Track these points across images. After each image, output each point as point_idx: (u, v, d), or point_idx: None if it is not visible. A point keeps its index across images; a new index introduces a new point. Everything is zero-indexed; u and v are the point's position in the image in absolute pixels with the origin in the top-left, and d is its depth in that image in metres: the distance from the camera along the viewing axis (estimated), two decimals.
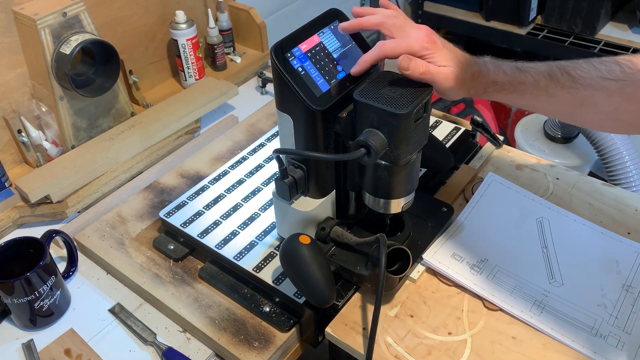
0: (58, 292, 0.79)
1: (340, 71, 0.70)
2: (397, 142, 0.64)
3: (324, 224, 0.76)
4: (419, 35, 0.68)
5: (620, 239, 0.83)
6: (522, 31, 1.89)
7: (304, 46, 0.68)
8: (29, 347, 0.76)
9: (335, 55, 0.70)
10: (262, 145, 1.02)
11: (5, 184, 0.94)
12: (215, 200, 0.90)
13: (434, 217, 0.84)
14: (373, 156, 0.64)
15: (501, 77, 0.73)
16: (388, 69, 0.70)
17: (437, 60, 0.68)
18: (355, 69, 0.69)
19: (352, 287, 0.77)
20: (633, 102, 0.69)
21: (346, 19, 0.73)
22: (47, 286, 0.77)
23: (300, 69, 0.67)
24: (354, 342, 0.71)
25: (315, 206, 0.74)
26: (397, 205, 0.73)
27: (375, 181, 0.71)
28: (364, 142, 0.64)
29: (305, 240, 0.68)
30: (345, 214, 0.81)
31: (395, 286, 0.77)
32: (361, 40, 0.73)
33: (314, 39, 0.69)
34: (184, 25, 1.17)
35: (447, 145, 1.00)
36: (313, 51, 0.69)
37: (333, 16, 0.73)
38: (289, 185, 0.71)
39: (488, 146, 1.02)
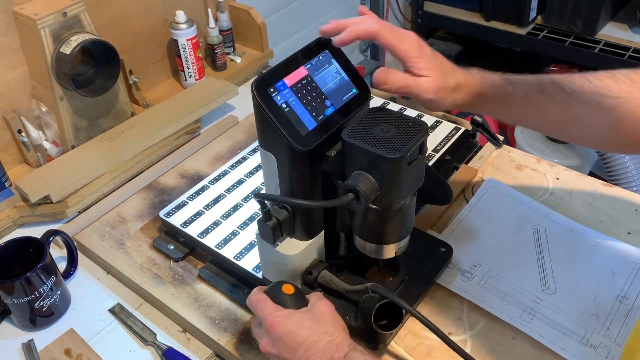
0: (58, 292, 0.79)
1: (329, 106, 0.64)
2: (389, 187, 0.59)
3: (311, 267, 0.71)
4: (413, 37, 0.67)
5: (618, 247, 0.82)
6: (522, 31, 1.89)
7: (289, 80, 0.62)
8: (29, 347, 0.76)
9: (323, 89, 0.64)
10: None
11: (5, 184, 0.94)
12: (215, 200, 0.90)
13: (431, 258, 0.79)
14: (362, 202, 0.58)
15: (488, 88, 0.70)
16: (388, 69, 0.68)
17: (423, 66, 0.66)
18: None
19: None
20: (632, 121, 0.63)
21: (336, 48, 0.67)
22: (47, 286, 0.77)
23: (284, 105, 0.61)
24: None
25: (301, 249, 0.68)
26: (389, 251, 0.68)
27: (366, 226, 0.65)
28: (353, 186, 0.58)
29: (288, 290, 0.63)
30: (335, 254, 0.75)
31: (387, 341, 0.72)
32: (352, 70, 0.67)
33: (301, 72, 0.63)
34: (184, 25, 1.17)
35: (447, 146, 1.00)
36: (299, 85, 0.63)
37: (322, 46, 0.66)
38: (273, 228, 0.65)
39: (488, 146, 1.02)
